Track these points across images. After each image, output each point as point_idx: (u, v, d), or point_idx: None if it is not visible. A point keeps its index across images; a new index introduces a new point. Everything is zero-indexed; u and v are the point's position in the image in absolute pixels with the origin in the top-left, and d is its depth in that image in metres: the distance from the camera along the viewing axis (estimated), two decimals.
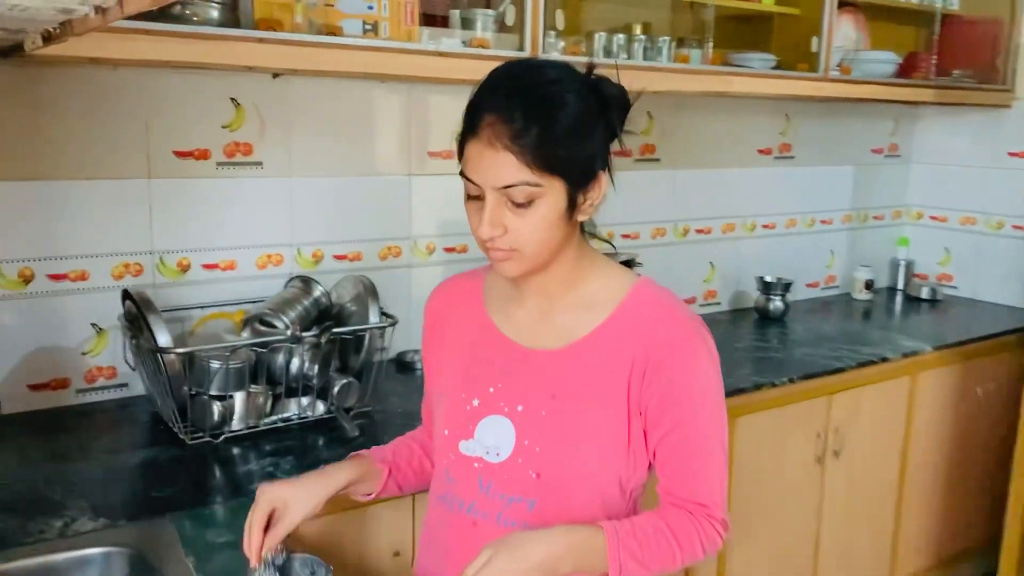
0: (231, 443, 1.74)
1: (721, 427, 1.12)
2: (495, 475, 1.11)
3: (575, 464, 1.09)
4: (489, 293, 1.21)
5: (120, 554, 1.32)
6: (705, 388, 1.10)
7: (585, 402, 1.09)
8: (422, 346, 1.30)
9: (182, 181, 1.99)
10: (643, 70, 2.27)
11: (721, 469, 1.12)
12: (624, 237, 2.76)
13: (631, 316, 1.11)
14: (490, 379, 1.14)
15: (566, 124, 1.02)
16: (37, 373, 1.89)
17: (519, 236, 1.04)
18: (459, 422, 1.14)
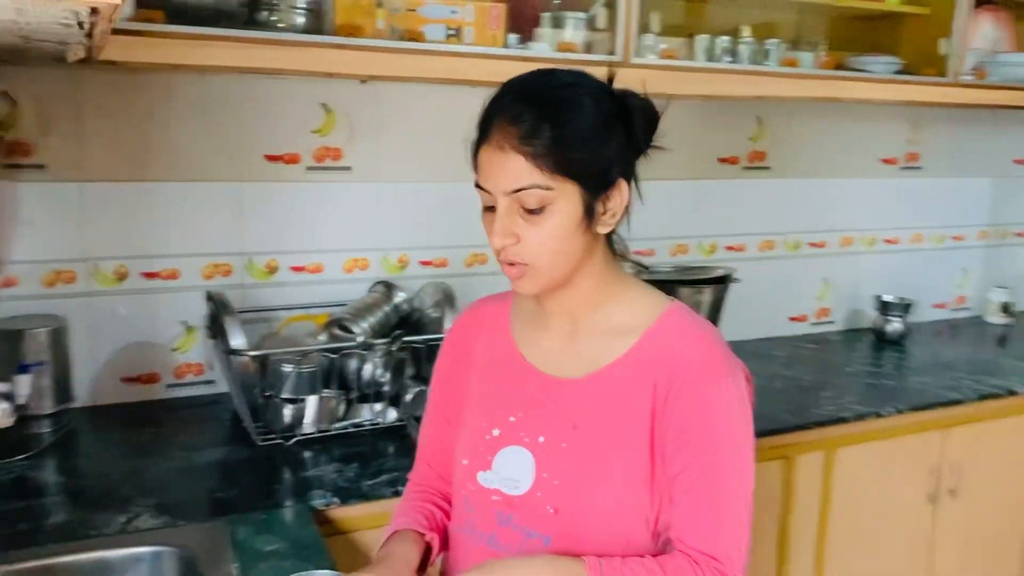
0: (302, 446, 1.75)
1: (743, 476, 1.02)
2: (515, 508, 1.05)
3: (594, 500, 1.02)
4: (516, 316, 1.15)
5: (171, 554, 1.34)
6: (727, 429, 1.00)
7: (607, 434, 1.02)
8: (434, 371, 1.24)
9: (272, 185, 2.02)
10: (747, 74, 2.15)
11: (740, 521, 1.01)
12: (728, 249, 2.63)
13: (657, 344, 1.03)
14: (511, 408, 1.08)
15: (579, 126, 0.97)
16: (129, 367, 1.96)
17: (531, 246, 0.98)
18: (477, 452, 1.09)
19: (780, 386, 2.27)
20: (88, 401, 1.92)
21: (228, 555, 1.32)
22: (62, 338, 1.79)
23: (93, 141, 1.84)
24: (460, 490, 1.12)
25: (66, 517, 1.43)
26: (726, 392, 1.00)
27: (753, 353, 2.56)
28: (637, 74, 1.94)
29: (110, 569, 1.32)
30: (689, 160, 2.51)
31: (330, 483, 1.58)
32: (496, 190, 0.98)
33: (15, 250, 1.81)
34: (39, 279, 1.84)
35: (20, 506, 1.46)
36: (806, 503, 2.08)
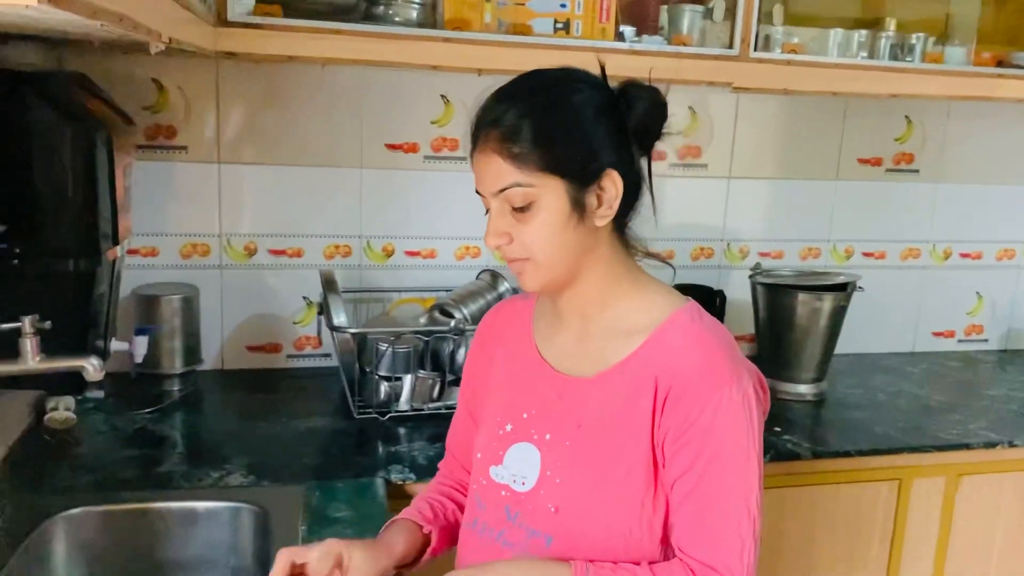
0: (396, 422, 1.83)
1: (746, 485, 0.97)
2: (521, 505, 1.06)
3: (593, 499, 1.01)
4: (538, 315, 1.16)
5: (248, 511, 1.45)
6: (730, 435, 0.97)
7: (609, 434, 1.01)
8: (464, 367, 1.27)
9: (392, 172, 2.12)
10: (878, 71, 2.01)
11: (742, 531, 0.97)
12: (865, 255, 2.48)
13: (662, 345, 1.01)
14: (525, 405, 1.09)
15: (558, 121, 0.98)
16: (255, 336, 2.13)
17: (524, 243, 1.00)
18: (491, 447, 1.11)
19: (904, 404, 2.12)
20: (215, 365, 2.10)
21: (299, 517, 1.41)
22: (193, 305, 1.96)
23: (229, 126, 2.00)
24: (473, 485, 1.14)
25: (170, 468, 1.57)
26: (728, 398, 0.96)
27: (885, 367, 2.41)
28: (754, 68, 1.91)
29: (195, 518, 1.45)
30: (824, 159, 2.39)
31: (410, 460, 1.65)
32: (485, 193, 1.01)
33: (158, 223, 2.00)
34: (177, 250, 2.02)
35: (135, 454, 1.63)
36: (922, 530, 1.95)
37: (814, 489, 1.86)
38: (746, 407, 0.97)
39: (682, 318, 1.03)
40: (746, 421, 0.97)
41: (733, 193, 2.35)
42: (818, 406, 2.10)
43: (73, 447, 1.64)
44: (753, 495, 0.98)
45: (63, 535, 1.38)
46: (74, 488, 1.48)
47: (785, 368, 2.12)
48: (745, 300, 2.26)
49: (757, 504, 0.98)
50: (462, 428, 1.25)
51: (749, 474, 0.98)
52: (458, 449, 1.25)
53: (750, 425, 0.98)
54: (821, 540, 1.89)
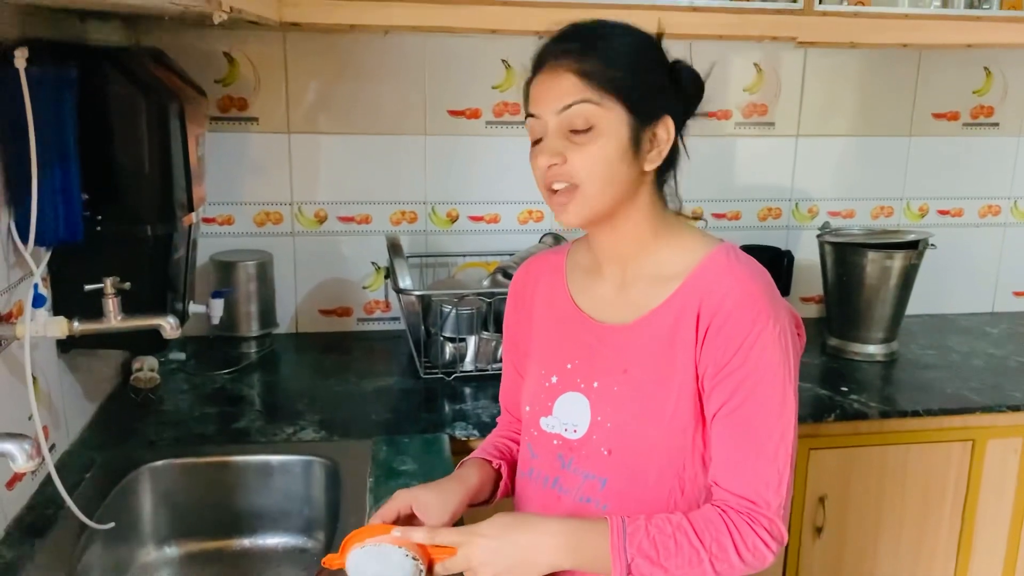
0: (461, 382, 1.88)
1: (784, 419, 0.98)
2: (574, 451, 1.08)
3: (645, 440, 1.03)
4: (572, 268, 1.17)
5: (320, 464, 1.51)
6: (768, 365, 0.97)
7: (655, 376, 1.03)
8: (504, 322, 1.28)
9: (455, 138, 2.15)
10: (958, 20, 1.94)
11: (780, 464, 0.97)
12: (940, 214, 2.41)
13: (699, 284, 1.02)
14: (568, 355, 1.11)
15: (626, 50, 1.01)
16: (326, 300, 2.20)
17: (579, 166, 0.99)
18: (539, 399, 1.13)
19: (980, 364, 2.07)
20: (290, 328, 2.18)
21: (367, 470, 1.47)
22: (267, 271, 2.04)
23: (297, 96, 2.06)
24: (525, 436, 1.17)
25: (247, 424, 1.66)
26: (765, 331, 0.97)
27: (962, 328, 2.35)
28: (818, 22, 1.87)
29: (269, 470, 1.52)
30: (897, 115, 2.32)
31: (474, 417, 1.70)
32: (546, 111, 1.00)
33: (233, 192, 2.08)
34: (251, 218, 2.10)
35: (214, 411, 1.72)
36: (997, 492, 1.91)
37: (883, 450, 1.84)
38: (783, 341, 0.98)
39: (718, 257, 1.03)
40: (783, 355, 0.98)
41: (801, 151, 2.31)
42: (888, 367, 2.06)
43: (157, 404, 1.73)
44: (790, 429, 0.99)
45: (148, 485, 1.47)
46: (158, 442, 1.57)
47: (854, 328, 2.09)
48: (814, 261, 2.22)
49: (793, 439, 0.99)
50: (509, 384, 1.27)
51: (786, 408, 0.98)
52: (511, 405, 1.28)
53: (786, 360, 0.98)
54: (891, 502, 1.87)
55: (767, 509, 0.98)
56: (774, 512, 0.98)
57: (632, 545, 0.96)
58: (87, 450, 1.53)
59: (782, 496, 0.98)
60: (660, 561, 0.96)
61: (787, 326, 1.00)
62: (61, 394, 1.51)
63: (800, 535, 1.84)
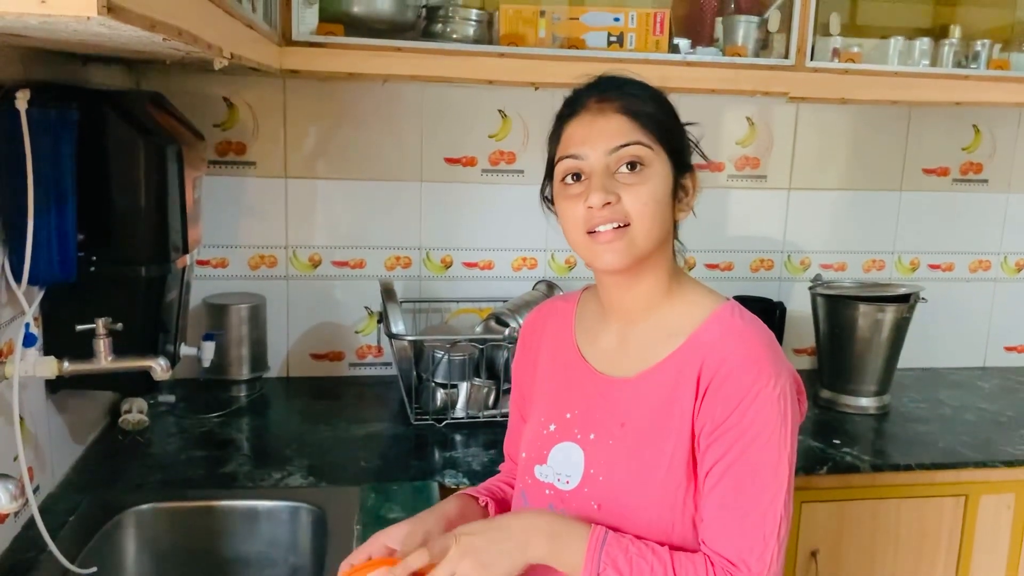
0: (452, 429, 1.87)
1: (776, 483, 0.96)
2: (565, 503, 1.07)
3: (636, 497, 1.02)
4: (581, 316, 1.17)
5: (307, 510, 1.50)
6: (764, 426, 0.96)
7: (652, 433, 1.02)
8: (512, 368, 1.28)
9: (450, 185, 2.17)
10: (946, 78, 1.98)
11: (767, 528, 0.96)
12: (932, 268, 2.43)
13: (703, 342, 1.02)
14: (568, 405, 1.11)
15: (663, 102, 1.05)
16: (319, 344, 2.19)
17: (632, 203, 0.99)
18: (536, 446, 1.12)
19: (972, 418, 2.07)
20: (281, 372, 2.17)
21: (355, 517, 1.45)
22: (260, 314, 2.04)
23: (296, 142, 2.08)
24: (519, 483, 1.16)
25: (234, 468, 1.64)
26: (764, 391, 0.96)
27: (953, 382, 2.35)
28: (810, 78, 1.90)
29: (256, 516, 1.50)
30: (888, 170, 2.36)
31: (464, 465, 1.68)
32: (595, 151, 1.00)
33: (228, 235, 2.08)
34: (245, 261, 2.11)
35: (202, 455, 1.70)
36: (990, 548, 1.89)
37: (875, 503, 1.83)
38: (782, 404, 0.97)
39: (723, 315, 1.04)
40: (780, 418, 0.97)
41: (793, 204, 2.33)
42: (880, 419, 2.06)
43: (144, 447, 1.72)
44: (781, 495, 0.97)
45: (133, 529, 1.45)
46: (144, 485, 1.55)
47: (846, 381, 2.09)
48: (805, 313, 2.23)
49: (785, 505, 0.97)
50: (514, 430, 1.27)
51: (779, 472, 0.97)
52: (513, 451, 1.27)
53: (784, 424, 0.97)
54: (884, 556, 1.85)
55: (747, 574, 0.96)
56: None
57: (608, 555, 0.95)
58: (72, 492, 1.51)
59: (766, 563, 0.96)
60: None
61: (787, 390, 0.99)
62: (48, 435, 1.49)
63: None
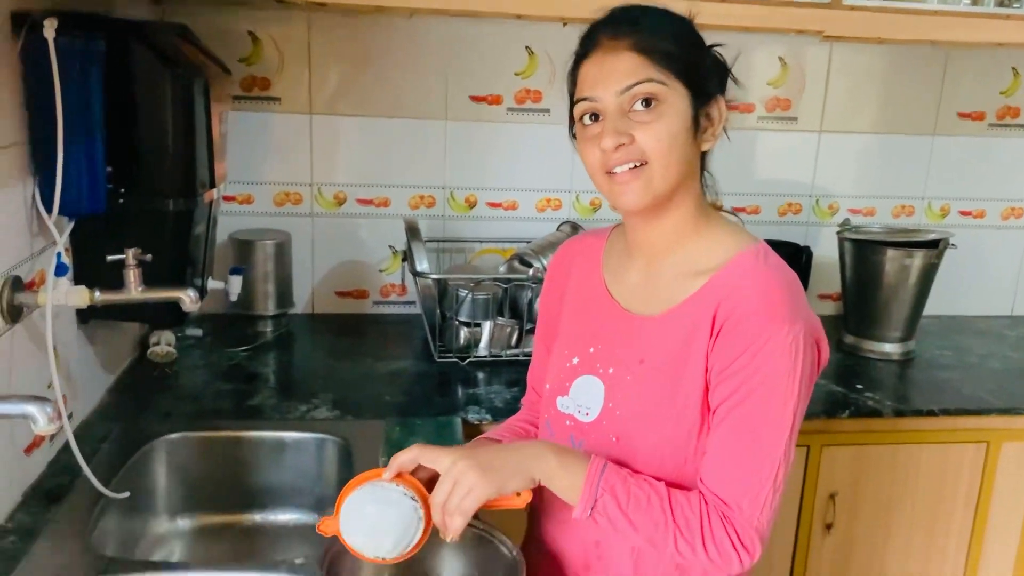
0: (475, 367, 1.88)
1: (778, 429, 0.96)
2: (585, 434, 1.09)
3: (650, 432, 1.03)
4: (608, 253, 1.17)
5: (333, 442, 1.52)
6: (773, 373, 0.95)
7: (669, 371, 1.02)
8: (539, 302, 1.28)
9: (476, 124, 2.15)
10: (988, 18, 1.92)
11: (763, 474, 0.96)
12: (962, 214, 2.39)
13: (725, 283, 1.01)
14: (591, 339, 1.11)
15: (676, 29, 1.01)
16: (343, 282, 2.21)
17: (647, 142, 0.98)
18: (559, 378, 1.13)
19: (997, 367, 2.05)
20: (306, 309, 2.19)
21: (379, 449, 1.48)
22: (285, 251, 2.05)
23: (320, 78, 2.06)
24: (543, 413, 1.18)
25: (261, 401, 1.67)
26: (779, 338, 0.96)
27: (980, 330, 2.33)
28: (846, 16, 1.85)
29: (283, 447, 1.53)
30: (922, 113, 2.30)
31: (487, 402, 1.70)
32: (607, 92, 0.98)
33: (254, 172, 2.09)
34: (270, 198, 2.11)
35: (229, 387, 1.73)
36: (1010, 496, 1.90)
37: (896, 448, 1.83)
38: (793, 351, 0.96)
39: (747, 258, 1.03)
40: (790, 366, 0.96)
41: (824, 147, 2.29)
42: (904, 366, 2.05)
43: (173, 379, 1.75)
44: (782, 442, 0.97)
45: (163, 457, 1.49)
46: (173, 415, 1.59)
47: (871, 327, 2.08)
48: (832, 258, 2.21)
49: (785, 453, 0.97)
50: (539, 363, 1.27)
51: (782, 420, 0.96)
52: (536, 382, 1.28)
53: (792, 372, 0.96)
54: (902, 501, 1.86)
55: (738, 515, 0.96)
56: (745, 520, 0.96)
57: (606, 483, 0.97)
58: (103, 421, 1.55)
59: (758, 506, 0.96)
60: (627, 509, 0.96)
61: (801, 339, 0.97)
62: (79, 365, 1.52)
63: (810, 531, 1.83)
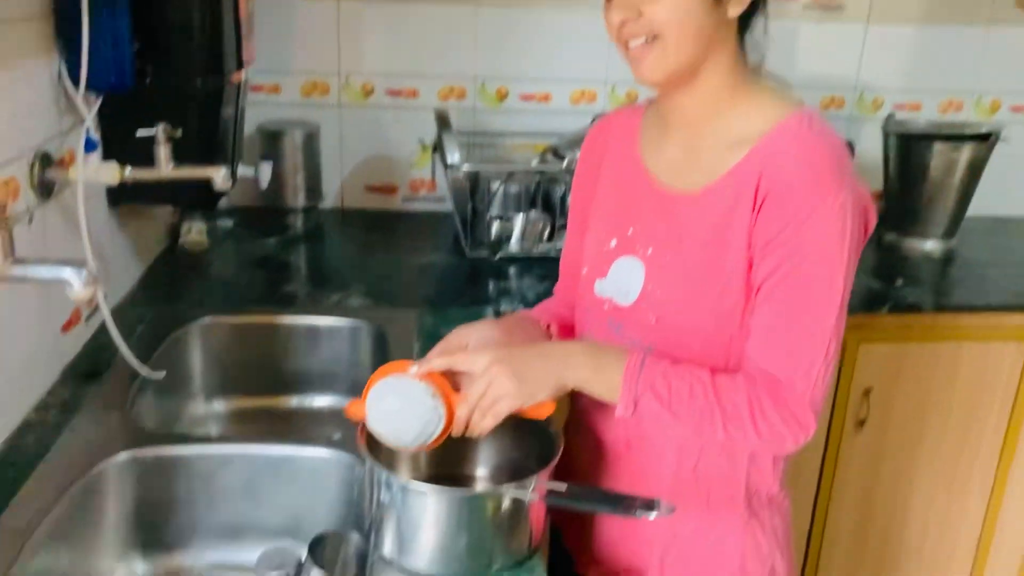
0: (506, 262, 1.86)
1: (829, 301, 0.92)
2: (624, 317, 1.06)
3: (692, 311, 1.00)
4: (645, 128, 1.11)
5: (367, 329, 1.52)
6: (821, 241, 0.92)
7: (710, 249, 0.98)
8: (573, 183, 1.24)
9: (508, 11, 2.07)
10: None
11: (815, 346, 0.93)
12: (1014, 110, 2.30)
13: (768, 151, 0.96)
14: (630, 220, 1.07)
15: None
16: (372, 177, 2.17)
17: (655, 17, 0.93)
18: (597, 262, 1.10)
19: None
20: (335, 203, 2.17)
21: (413, 336, 1.47)
22: (314, 142, 2.02)
23: None
24: (580, 300, 1.14)
25: (294, 289, 1.67)
26: (824, 204, 0.91)
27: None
28: None
29: (318, 334, 1.53)
30: (975, 2, 2.19)
31: (519, 295, 1.69)
32: None
33: (281, 60, 2.03)
34: (298, 88, 2.06)
35: (262, 276, 1.73)
36: None
37: (935, 346, 1.80)
38: (842, 220, 0.92)
39: (791, 125, 0.97)
40: (839, 234, 0.92)
41: (871, 39, 2.19)
42: (945, 264, 2.01)
43: (205, 267, 1.75)
44: (833, 314, 0.93)
45: (198, 341, 1.49)
46: (207, 302, 1.59)
47: (913, 223, 2.03)
48: (873, 155, 2.14)
49: (836, 325, 0.94)
50: (572, 246, 1.23)
51: (833, 290, 0.93)
52: (567, 265, 1.25)
53: (842, 240, 0.92)
54: (938, 399, 1.84)
55: (791, 390, 0.93)
56: (799, 395, 0.93)
57: (645, 380, 0.94)
58: (136, 307, 1.55)
59: (811, 381, 0.93)
60: (670, 404, 0.94)
61: (849, 205, 0.93)
62: (112, 249, 1.52)
63: (843, 426, 1.82)
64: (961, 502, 1.93)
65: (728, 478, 1.06)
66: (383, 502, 0.96)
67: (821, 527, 1.90)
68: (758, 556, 1.07)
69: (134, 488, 1.12)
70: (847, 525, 1.91)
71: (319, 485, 1.16)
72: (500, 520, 0.96)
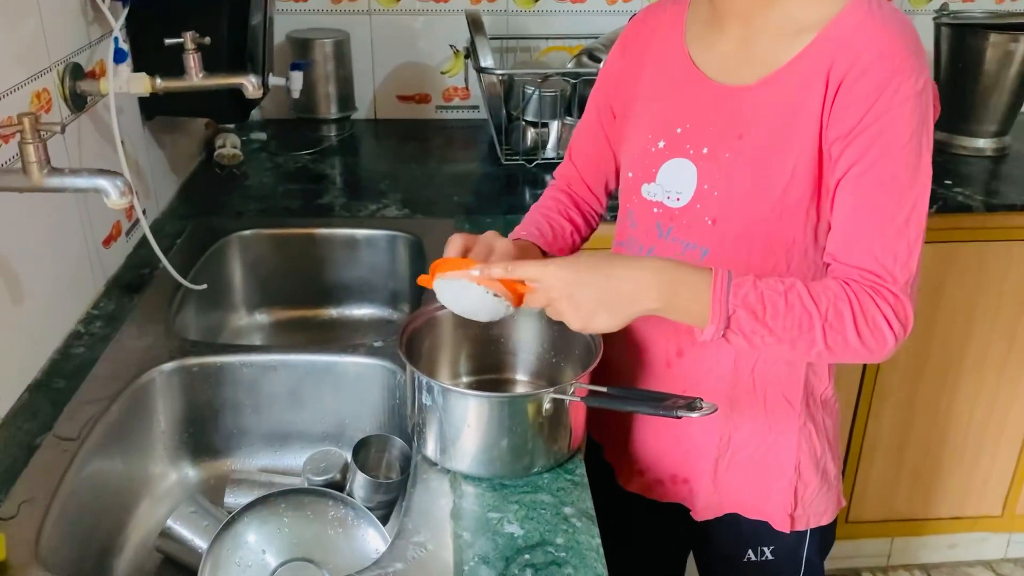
0: (542, 169, 1.83)
1: (918, 183, 0.88)
2: (675, 220, 1.02)
3: (753, 210, 0.95)
4: (692, 21, 1.05)
5: (404, 239, 1.52)
6: (905, 125, 0.86)
7: (774, 143, 0.93)
8: (600, 71, 1.16)
9: None
10: None
11: (911, 235, 0.88)
12: None
13: (835, 37, 0.90)
14: (679, 119, 1.01)
15: None
16: (404, 86, 2.14)
17: None
18: (643, 164, 1.04)
19: None
20: (368, 114, 2.14)
21: None
22: (344, 50, 1.98)
23: None
24: (624, 204, 1.10)
25: (331, 200, 1.66)
26: (904, 87, 0.86)
27: None
28: None
29: (355, 244, 1.53)
30: None
31: None
32: None
33: None
34: None
35: (298, 188, 1.72)
36: None
37: (984, 246, 1.75)
38: (924, 101, 0.87)
39: (858, 7, 0.91)
40: (922, 116, 0.87)
41: None
42: (998, 162, 1.93)
43: (241, 180, 1.75)
44: (924, 199, 0.89)
45: (238, 253, 1.50)
46: (245, 214, 1.59)
47: (964, 121, 1.94)
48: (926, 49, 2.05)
49: (925, 211, 0.90)
50: (590, 134, 1.16)
51: (921, 174, 0.88)
52: (581, 158, 1.19)
53: (926, 122, 0.88)
54: (987, 299, 1.80)
55: (893, 284, 0.88)
56: (901, 288, 0.88)
57: (736, 296, 0.86)
58: (175, 220, 1.56)
59: (911, 272, 0.88)
60: (765, 319, 0.85)
61: (930, 85, 0.88)
62: (148, 164, 1.52)
63: None
64: (1007, 403, 1.91)
65: (786, 380, 1.03)
66: (425, 406, 0.97)
67: (863, 428, 1.89)
68: (812, 458, 1.06)
69: (181, 397, 1.15)
70: (889, 426, 1.90)
71: (362, 392, 1.17)
72: (540, 422, 0.96)
